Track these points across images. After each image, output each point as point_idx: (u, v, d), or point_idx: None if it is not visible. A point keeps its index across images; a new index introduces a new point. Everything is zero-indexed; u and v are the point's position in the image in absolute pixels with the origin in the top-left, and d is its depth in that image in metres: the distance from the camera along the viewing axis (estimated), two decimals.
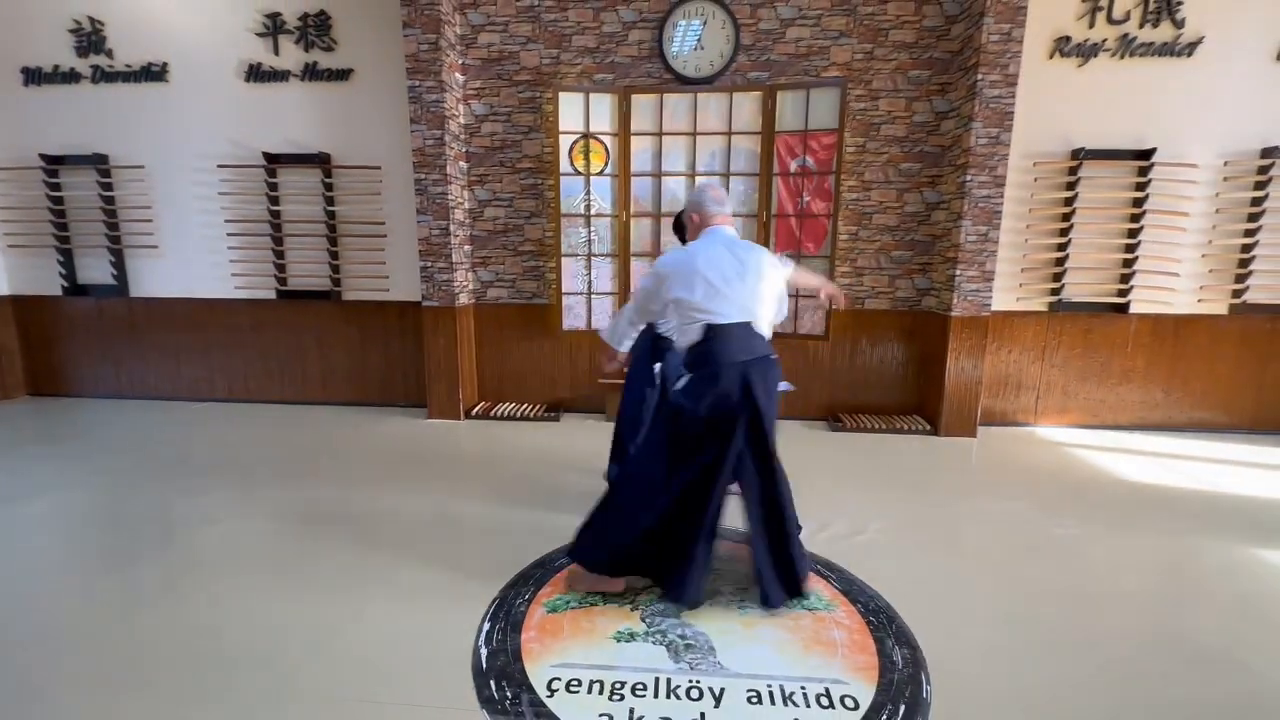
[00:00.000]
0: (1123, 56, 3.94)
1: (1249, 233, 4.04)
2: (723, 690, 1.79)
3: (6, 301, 4.93)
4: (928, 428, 4.21)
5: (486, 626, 2.07)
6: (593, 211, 4.35)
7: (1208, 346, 4.22)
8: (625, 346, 2.52)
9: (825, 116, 4.05)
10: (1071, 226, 4.08)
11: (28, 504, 3.01)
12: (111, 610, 2.15)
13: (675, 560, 2.15)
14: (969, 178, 3.82)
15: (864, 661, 1.92)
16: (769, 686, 1.81)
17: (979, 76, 3.70)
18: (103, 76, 4.55)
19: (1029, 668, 1.91)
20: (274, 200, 4.56)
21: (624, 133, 4.23)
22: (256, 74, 4.43)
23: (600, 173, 4.29)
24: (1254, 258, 4.06)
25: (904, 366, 4.44)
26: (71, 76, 4.57)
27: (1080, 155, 4.00)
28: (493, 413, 4.51)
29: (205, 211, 4.64)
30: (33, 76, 4.59)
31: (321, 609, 2.17)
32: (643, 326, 2.56)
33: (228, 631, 2.03)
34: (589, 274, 4.43)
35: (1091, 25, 3.93)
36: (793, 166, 4.16)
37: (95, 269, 4.84)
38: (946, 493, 3.30)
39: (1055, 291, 4.20)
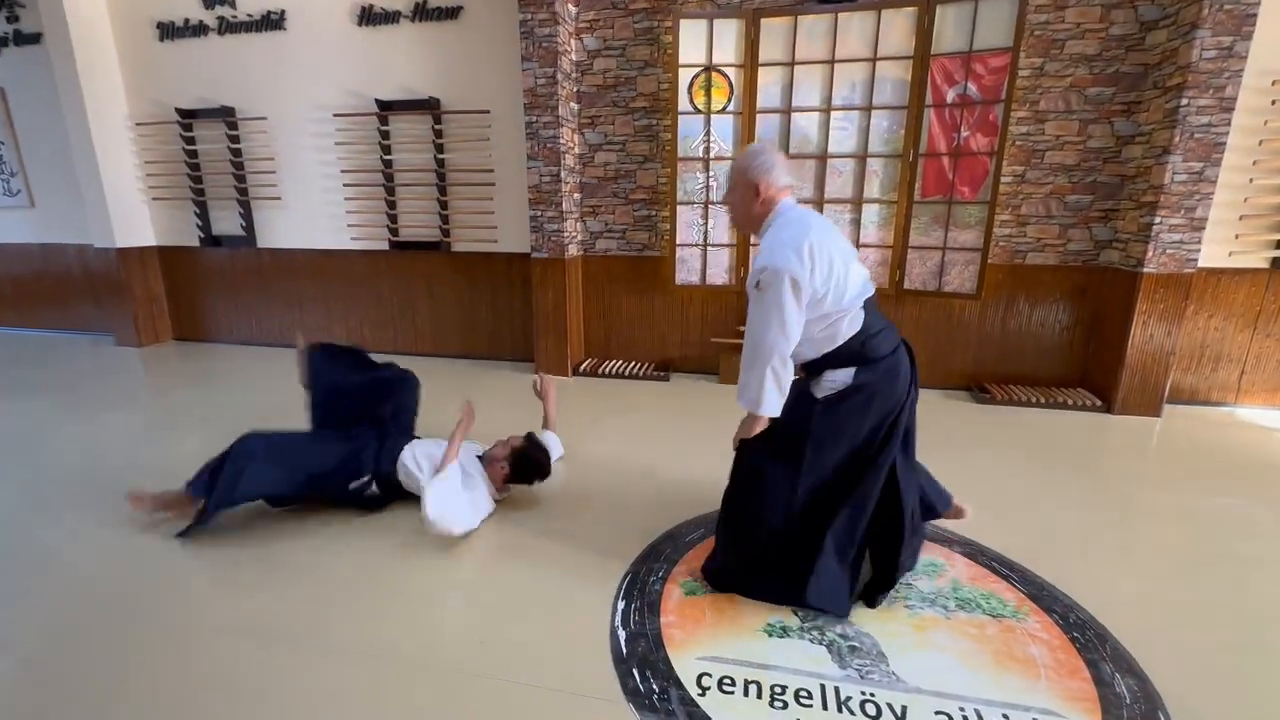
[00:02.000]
0: None
1: None
2: (905, 709, 1.51)
3: (155, 252, 5.27)
4: (1098, 404, 3.61)
5: (621, 605, 1.90)
6: (713, 154, 3.97)
7: None
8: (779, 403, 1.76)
9: (996, 33, 3.41)
10: None
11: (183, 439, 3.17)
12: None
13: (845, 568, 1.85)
14: (1185, 101, 3.09)
15: (1078, 690, 1.58)
16: (962, 710, 1.51)
17: None
18: (228, 28, 4.61)
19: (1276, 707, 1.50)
20: (386, 150, 4.51)
21: (751, 64, 3.78)
22: (368, 16, 4.32)
23: (723, 110, 3.89)
24: None
25: (1069, 331, 3.82)
26: (200, 29, 4.67)
27: None
28: (600, 370, 4.35)
29: (323, 163, 4.68)
30: (166, 31, 4.73)
31: (446, 573, 2.08)
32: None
33: (359, 587, 1.98)
34: (705, 224, 4.09)
35: None
36: (950, 96, 3.57)
37: (227, 220, 5.05)
38: (1132, 482, 2.79)
39: None
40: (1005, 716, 1.49)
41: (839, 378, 1.75)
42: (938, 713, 1.50)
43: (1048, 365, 3.88)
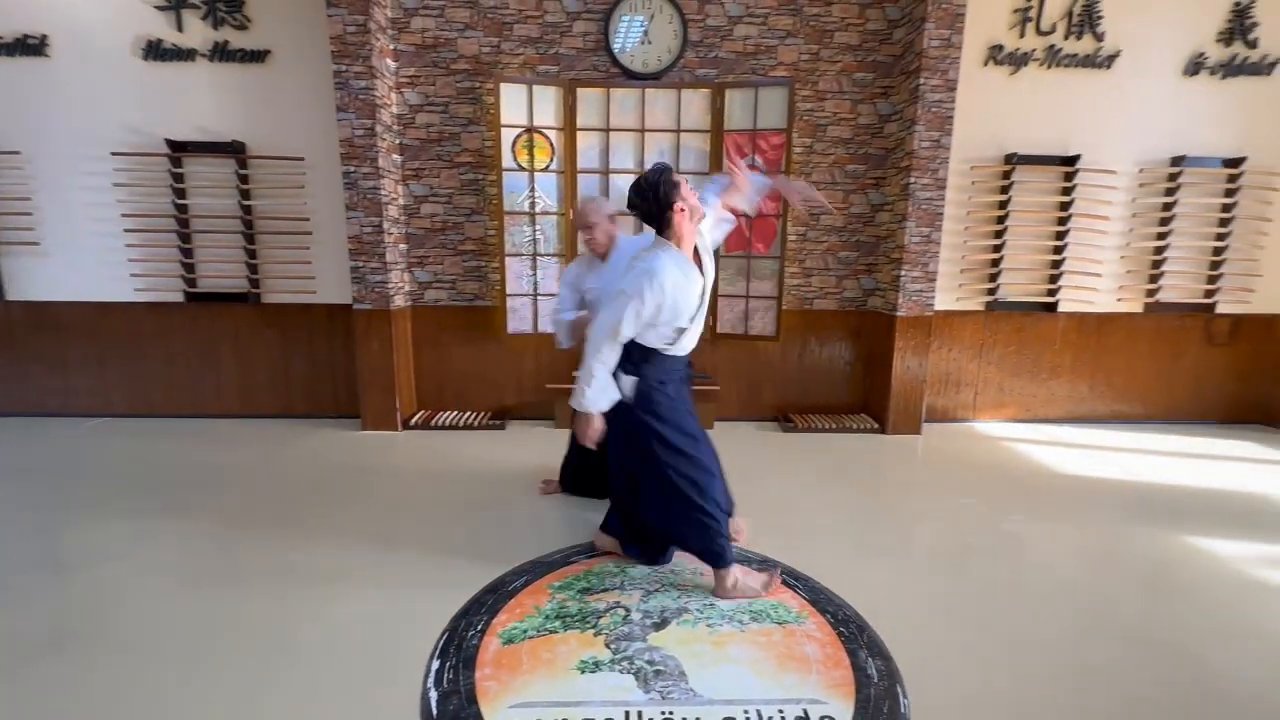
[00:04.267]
0: (1050, 66, 4.11)
1: (1160, 236, 4.31)
2: (694, 719, 1.68)
3: None
4: (876, 426, 4.27)
5: (435, 665, 1.88)
6: (538, 209, 4.16)
7: (1126, 343, 4.48)
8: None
9: (774, 116, 4.03)
10: (1006, 229, 4.24)
11: None
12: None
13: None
14: (913, 180, 3.88)
15: (839, 677, 1.86)
16: (746, 713, 1.71)
17: (921, 80, 3.77)
18: None
19: (999, 670, 1.90)
20: (180, 193, 4.12)
21: (570, 127, 4.06)
22: (157, 52, 3.98)
23: (545, 169, 4.11)
24: (1165, 259, 4.33)
25: (851, 365, 4.49)
26: None
27: (1013, 160, 4.15)
28: (434, 422, 4.25)
29: (97, 204, 4.13)
30: None
31: (243, 647, 1.91)
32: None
33: (135, 697, 1.75)
34: (535, 274, 4.24)
35: (1022, 35, 4.08)
36: (742, 165, 4.11)
37: None
38: (899, 492, 3.33)
39: (991, 291, 4.34)
40: (780, 712, 1.71)
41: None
42: (725, 718, 1.69)
43: (837, 395, 4.51)
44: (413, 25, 3.98)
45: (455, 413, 4.40)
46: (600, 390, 2.14)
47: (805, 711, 1.71)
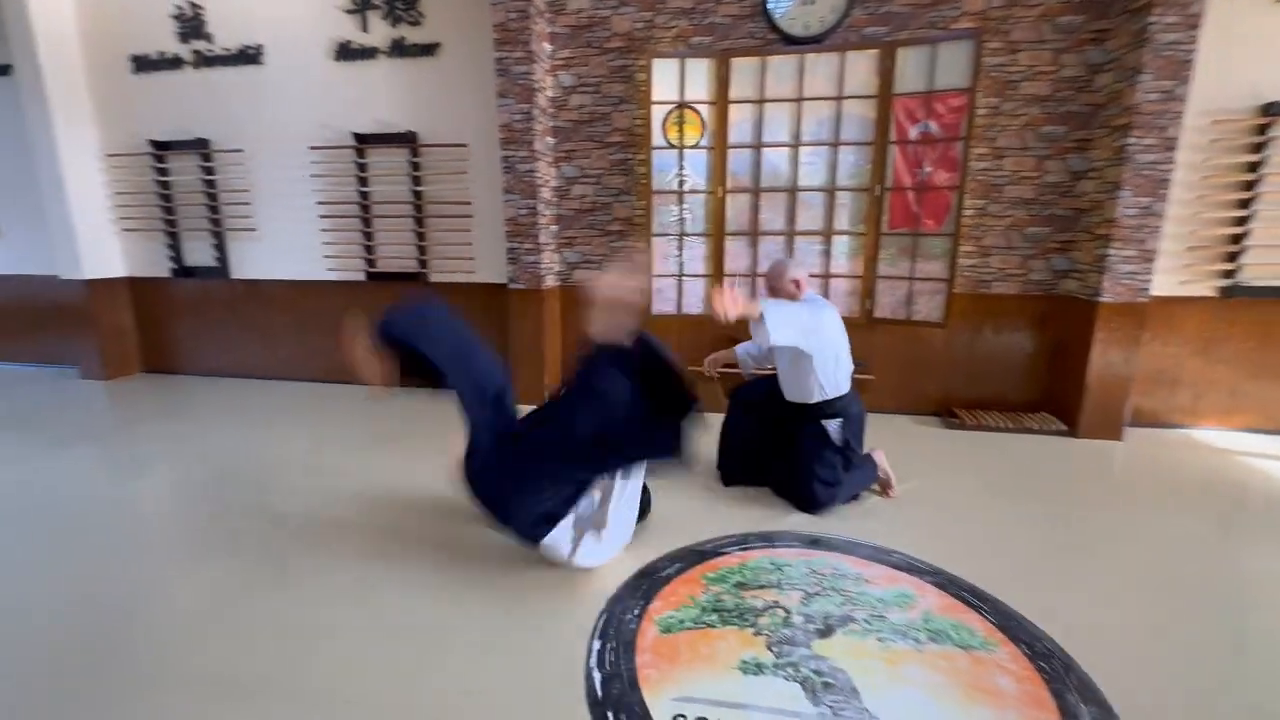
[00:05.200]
0: None
1: None
2: None
3: (124, 283, 5.19)
4: (1063, 428, 3.72)
5: (597, 645, 1.89)
6: (686, 188, 4.06)
7: None
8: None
9: (954, 75, 3.57)
10: (1256, 197, 3.45)
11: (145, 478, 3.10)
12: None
13: None
14: (1132, 140, 3.26)
15: (1043, 719, 1.61)
16: None
17: (1151, 20, 3.13)
18: (203, 61, 4.63)
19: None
20: (363, 181, 4.54)
21: (722, 101, 3.90)
22: (345, 52, 4.38)
23: (695, 145, 3.99)
24: None
25: (1033, 358, 3.94)
26: (175, 62, 4.68)
27: (1274, 110, 3.34)
28: None
29: (299, 194, 4.68)
30: (141, 64, 4.73)
31: (413, 610, 2.05)
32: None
33: (338, 630, 1.95)
34: (680, 254, 4.16)
35: None
36: (913, 133, 3.71)
37: (200, 251, 5.00)
38: (1101, 507, 2.86)
39: (1229, 274, 3.58)
40: None
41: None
42: None
43: (1013, 389, 3.99)
44: (569, 6, 4.01)
45: None
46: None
47: None
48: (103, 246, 5.03)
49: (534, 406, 2.27)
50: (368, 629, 1.96)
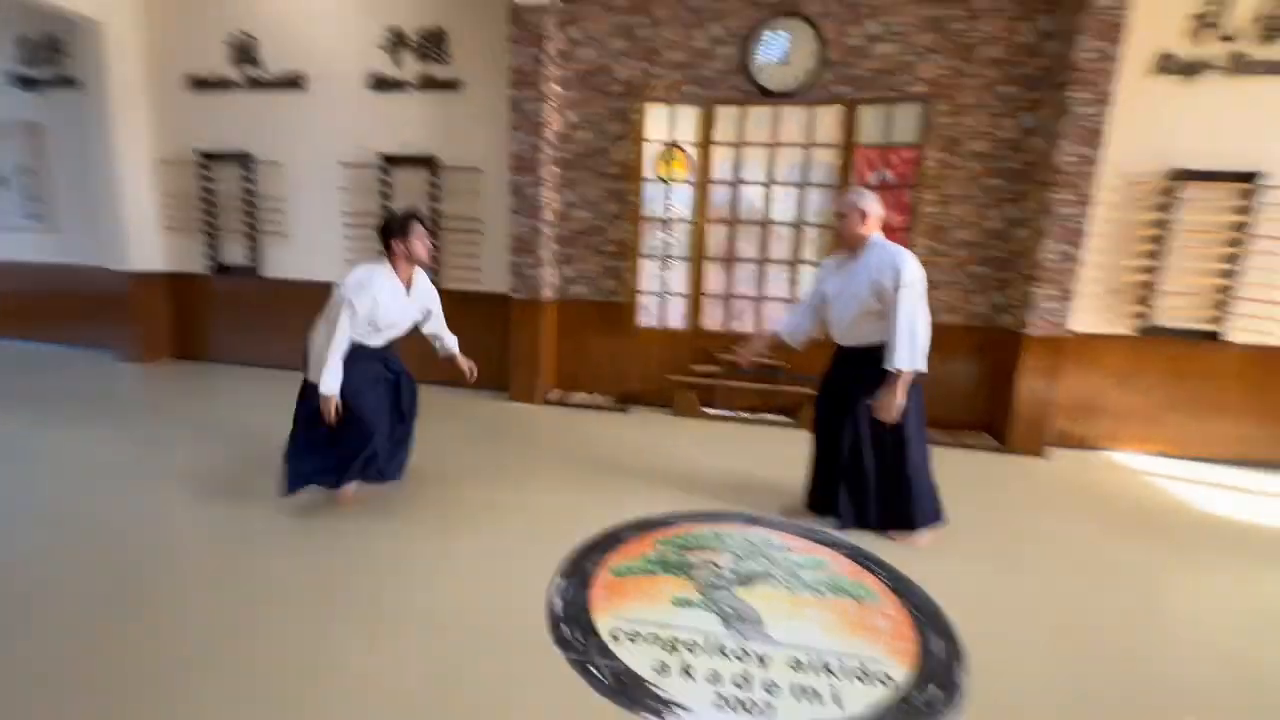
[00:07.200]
0: (1233, 74, 3.78)
1: None
2: (765, 655, 1.98)
3: (164, 277, 5.72)
4: (996, 445, 4.18)
5: (560, 581, 2.36)
6: (672, 216, 4.60)
7: None
8: None
9: (907, 131, 4.11)
10: (1164, 249, 3.95)
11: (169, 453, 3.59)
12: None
13: None
14: (1054, 195, 3.78)
15: (904, 648, 2.06)
16: (809, 657, 1.98)
17: (1070, 94, 3.67)
18: (252, 84, 5.21)
19: (1067, 668, 1.99)
20: (386, 196, 5.09)
21: (706, 143, 4.45)
22: (380, 83, 4.96)
23: (682, 180, 4.53)
24: None
25: (975, 383, 4.41)
26: (227, 84, 5.27)
27: (1178, 175, 3.87)
28: (567, 400, 4.84)
29: (328, 204, 5.23)
30: (196, 84, 5.32)
31: (418, 546, 2.52)
32: None
33: (356, 558, 2.42)
34: (664, 275, 4.68)
35: (1199, 42, 3.80)
36: (871, 179, 4.25)
37: (235, 251, 5.54)
38: (1010, 509, 3.32)
39: (1144, 315, 4.07)
40: (841, 661, 1.97)
41: None
42: (792, 657, 1.97)
43: (956, 413, 4.45)
44: (577, 55, 4.59)
45: (586, 394, 4.97)
46: None
47: (864, 665, 1.95)
48: (148, 243, 5.58)
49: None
50: (381, 562, 2.43)
